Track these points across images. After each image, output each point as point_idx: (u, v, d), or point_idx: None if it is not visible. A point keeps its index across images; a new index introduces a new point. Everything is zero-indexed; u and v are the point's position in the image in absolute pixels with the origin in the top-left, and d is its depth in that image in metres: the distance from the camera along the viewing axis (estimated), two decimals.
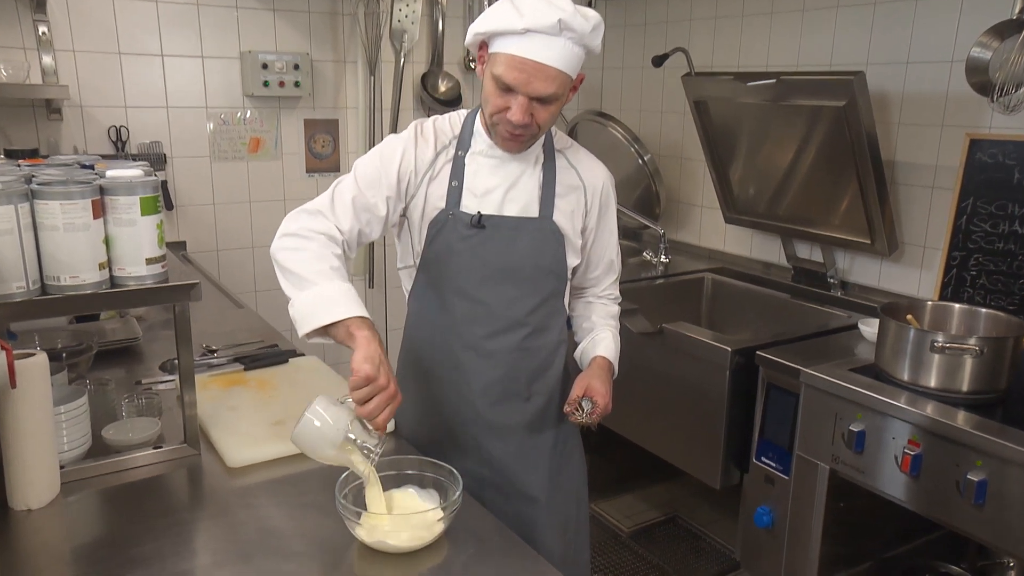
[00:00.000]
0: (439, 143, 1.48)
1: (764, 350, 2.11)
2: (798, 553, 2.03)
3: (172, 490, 1.35)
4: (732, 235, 3.07)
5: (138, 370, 1.86)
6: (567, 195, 1.49)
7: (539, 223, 1.47)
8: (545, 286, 1.50)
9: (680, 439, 2.37)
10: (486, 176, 1.45)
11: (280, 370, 1.81)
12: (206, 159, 3.07)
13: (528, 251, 1.46)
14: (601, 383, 1.50)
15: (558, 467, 1.60)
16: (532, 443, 1.56)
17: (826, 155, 2.42)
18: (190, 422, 1.43)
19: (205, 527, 1.22)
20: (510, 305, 1.48)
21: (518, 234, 1.45)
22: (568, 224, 1.49)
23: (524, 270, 1.47)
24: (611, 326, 1.62)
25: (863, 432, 1.81)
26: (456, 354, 1.50)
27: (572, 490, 1.63)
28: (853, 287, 2.61)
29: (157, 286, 1.32)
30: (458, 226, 1.44)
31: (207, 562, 1.12)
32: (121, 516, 1.25)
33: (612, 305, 1.66)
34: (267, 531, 1.20)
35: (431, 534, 1.13)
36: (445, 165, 1.46)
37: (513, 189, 1.46)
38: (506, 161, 1.46)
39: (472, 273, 1.46)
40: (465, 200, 1.45)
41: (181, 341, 1.40)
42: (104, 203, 1.29)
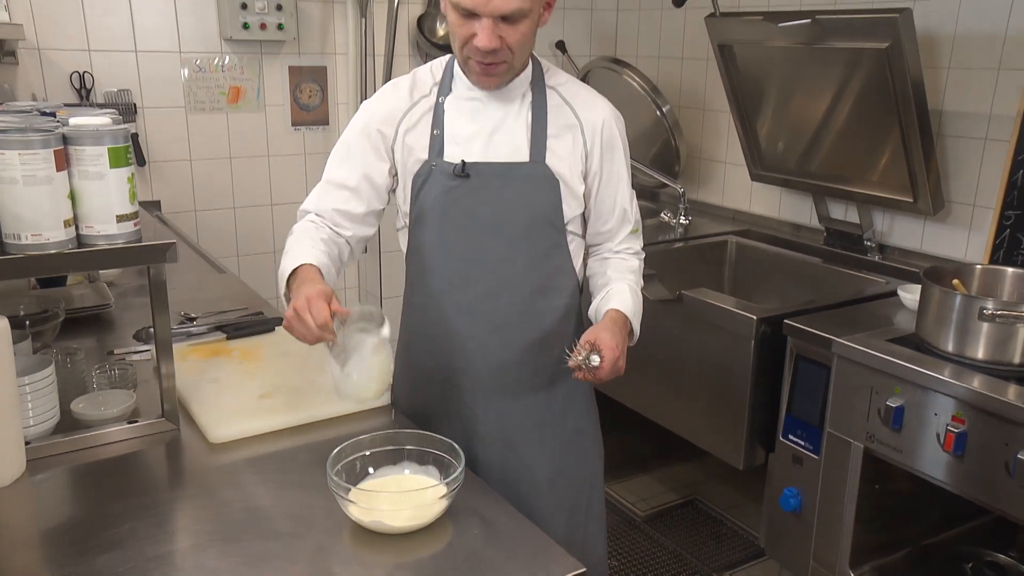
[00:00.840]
0: (417, 92, 1.48)
1: (793, 319, 2.10)
2: (828, 539, 2.04)
3: (149, 468, 1.35)
4: (759, 194, 3.05)
5: (110, 339, 1.85)
6: (562, 135, 1.44)
7: (530, 168, 1.42)
8: (541, 239, 1.46)
9: (700, 416, 2.37)
10: (468, 121, 1.44)
11: (266, 339, 1.81)
12: (181, 110, 3.03)
13: (519, 200, 1.43)
14: (611, 336, 1.40)
15: (567, 446, 1.58)
16: (536, 418, 1.55)
17: (865, 104, 2.38)
18: (168, 395, 1.43)
19: (185, 507, 1.22)
20: (502, 262, 1.45)
21: (506, 181, 1.42)
22: (565, 168, 1.44)
23: (515, 221, 1.44)
24: (629, 280, 1.54)
25: (901, 408, 1.80)
26: (449, 318, 1.49)
27: (583, 473, 1.62)
28: (892, 250, 2.59)
29: (129, 246, 1.31)
30: (441, 177, 1.43)
31: (188, 544, 1.12)
32: (93, 496, 1.25)
33: (631, 259, 1.58)
34: (253, 511, 1.19)
35: (432, 514, 1.13)
36: (425, 114, 1.46)
37: (499, 132, 1.43)
38: (488, 102, 1.44)
39: (459, 228, 1.45)
40: (448, 149, 1.44)
41: (157, 307, 1.39)
42: (68, 154, 1.27)
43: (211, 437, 1.39)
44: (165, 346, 1.41)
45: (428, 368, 1.56)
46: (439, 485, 1.15)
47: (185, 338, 1.80)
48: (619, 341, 1.40)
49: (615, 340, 1.39)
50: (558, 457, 1.57)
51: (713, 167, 3.22)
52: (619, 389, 2.59)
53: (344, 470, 1.18)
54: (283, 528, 1.16)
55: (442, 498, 1.13)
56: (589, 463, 1.64)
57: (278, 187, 3.31)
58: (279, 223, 3.36)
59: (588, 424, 1.64)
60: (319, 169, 1.59)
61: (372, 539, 1.12)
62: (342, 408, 1.49)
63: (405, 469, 1.24)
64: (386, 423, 1.47)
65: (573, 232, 1.51)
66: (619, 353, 1.39)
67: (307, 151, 3.31)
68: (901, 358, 1.82)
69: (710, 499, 2.96)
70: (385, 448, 1.24)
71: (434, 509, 1.13)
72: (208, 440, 1.40)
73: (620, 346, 1.40)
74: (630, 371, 1.50)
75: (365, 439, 1.23)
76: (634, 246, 1.59)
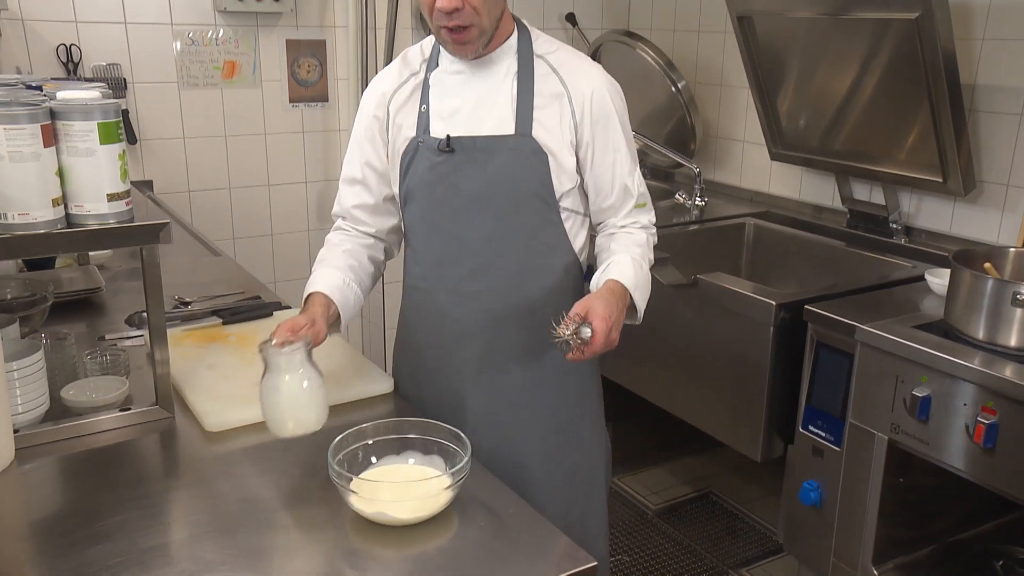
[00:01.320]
0: (407, 70, 1.51)
1: (814, 304, 2.09)
2: (850, 535, 2.03)
3: (142, 457, 1.35)
4: (779, 174, 3.03)
5: (101, 324, 1.86)
6: (548, 105, 1.44)
7: (515, 141, 1.42)
8: (530, 216, 1.45)
9: (716, 405, 2.36)
10: (453, 95, 1.46)
11: (264, 324, 1.81)
12: (173, 85, 3.02)
13: (504, 174, 1.43)
14: (604, 305, 1.35)
15: (563, 439, 1.58)
16: (529, 408, 1.54)
17: (893, 78, 2.35)
18: (162, 381, 1.43)
19: (180, 498, 1.22)
20: (489, 239, 1.46)
21: (491, 156, 1.42)
22: (553, 140, 1.43)
23: (501, 197, 1.44)
24: (633, 253, 1.49)
25: (928, 397, 1.79)
26: (436, 298, 1.52)
27: (581, 470, 1.61)
28: (919, 233, 2.58)
29: (121, 226, 1.31)
30: (427, 153, 1.46)
31: (183, 536, 1.12)
32: (84, 486, 1.25)
33: (638, 232, 1.55)
34: (251, 502, 1.20)
35: (437, 505, 1.13)
36: (415, 91, 1.48)
37: (483, 105, 1.44)
38: (472, 74, 1.45)
39: (445, 205, 1.46)
40: (433, 124, 1.46)
41: (150, 290, 1.39)
42: (56, 129, 1.26)
43: (207, 425, 1.40)
44: (159, 331, 1.41)
45: (421, 351, 1.57)
46: (444, 475, 1.15)
47: (179, 323, 1.81)
48: (613, 312, 1.36)
49: (608, 310, 1.35)
50: (551, 445, 1.57)
51: (730, 146, 3.20)
52: (630, 377, 2.58)
53: (346, 459, 1.18)
54: (282, 520, 1.16)
55: (447, 489, 1.13)
56: (589, 459, 1.63)
57: (275, 167, 3.31)
58: (276, 204, 3.36)
59: (589, 414, 1.63)
60: (318, 148, 1.61)
61: (375, 531, 1.12)
62: (343, 395, 1.50)
63: (409, 458, 1.24)
64: (390, 411, 1.48)
65: (569, 209, 1.49)
66: (612, 323, 1.34)
67: (305, 129, 3.30)
68: (928, 345, 1.80)
69: (726, 492, 2.97)
70: (388, 437, 1.24)
71: (439, 500, 1.13)
72: (204, 428, 1.40)
73: (613, 316, 1.35)
74: (643, 358, 1.50)
75: (368, 427, 1.23)
76: (641, 220, 1.56)
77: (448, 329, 1.52)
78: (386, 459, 1.23)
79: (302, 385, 1.23)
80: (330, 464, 1.13)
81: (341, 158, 3.48)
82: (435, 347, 1.55)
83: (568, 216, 1.50)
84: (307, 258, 3.51)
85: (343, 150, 3.41)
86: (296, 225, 3.44)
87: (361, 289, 1.54)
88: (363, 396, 1.52)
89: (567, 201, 1.48)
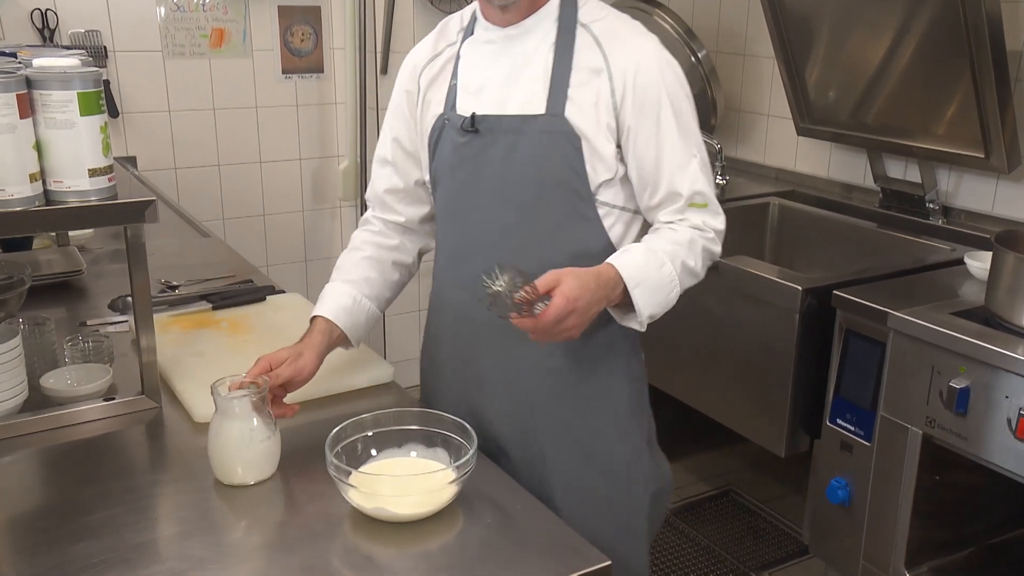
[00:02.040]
0: (442, 41, 1.45)
1: (843, 289, 2.09)
2: (881, 536, 2.03)
3: (128, 449, 1.35)
4: (806, 150, 3.02)
5: (82, 309, 1.86)
6: (587, 83, 1.32)
7: (545, 121, 1.32)
8: (557, 208, 1.34)
9: (737, 397, 2.36)
10: (483, 67, 1.39)
11: (256, 309, 1.81)
12: (157, 55, 3.02)
13: (530, 160, 1.33)
14: (577, 285, 1.20)
15: (591, 468, 1.45)
16: (550, 431, 1.43)
17: (932, 45, 2.34)
18: (148, 370, 1.43)
19: (168, 492, 1.23)
20: (508, 233, 1.37)
21: (518, 138, 1.34)
22: (588, 122, 1.31)
23: (525, 185, 1.34)
24: (658, 245, 1.32)
25: (967, 389, 1.79)
26: (453, 297, 1.47)
27: (616, 509, 1.46)
28: (959, 213, 2.57)
29: (103, 203, 1.30)
30: (452, 133, 1.40)
31: (171, 532, 1.13)
32: (66, 480, 1.25)
33: (682, 229, 1.35)
34: (243, 497, 1.20)
35: (440, 500, 1.13)
36: (447, 64, 1.43)
37: (513, 80, 1.35)
38: (505, 44, 1.37)
39: (465, 192, 1.41)
40: (460, 100, 1.40)
41: (135, 272, 1.39)
42: (33, 99, 1.26)
43: (196, 416, 1.40)
44: (145, 316, 1.41)
45: (440, 354, 1.53)
46: (448, 469, 1.15)
47: (166, 308, 1.81)
48: (585, 296, 1.21)
49: (579, 292, 1.20)
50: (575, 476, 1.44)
51: (754, 120, 3.18)
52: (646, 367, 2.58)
53: (344, 452, 1.18)
54: (276, 515, 1.16)
55: (452, 483, 1.13)
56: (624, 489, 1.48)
57: (267, 142, 3.30)
58: (268, 182, 3.36)
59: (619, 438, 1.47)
60: (313, 123, 1.59)
61: (374, 528, 1.12)
62: (341, 384, 1.50)
63: (411, 451, 1.24)
64: (390, 401, 1.48)
65: (609, 204, 1.37)
66: (575, 308, 1.20)
67: (299, 102, 3.29)
68: (967, 334, 1.80)
69: (747, 490, 2.97)
70: (389, 428, 1.24)
71: (443, 495, 1.13)
72: (193, 419, 1.40)
73: (583, 301, 1.20)
74: (660, 348, 1.47)
75: (367, 418, 1.23)
76: (692, 218, 1.36)
77: (464, 331, 1.46)
78: (387, 452, 1.23)
79: (248, 433, 1.20)
80: (327, 457, 1.13)
81: (337, 133, 3.50)
82: (453, 353, 1.50)
83: (608, 212, 1.37)
84: (301, 240, 3.51)
85: (339, 125, 3.44)
86: (290, 205, 3.43)
87: (377, 304, 1.50)
88: (362, 385, 1.52)
89: (606, 194, 1.35)
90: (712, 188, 1.38)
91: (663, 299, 1.31)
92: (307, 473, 1.24)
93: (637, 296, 1.28)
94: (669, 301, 1.33)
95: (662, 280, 1.30)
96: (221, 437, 1.20)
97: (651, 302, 1.30)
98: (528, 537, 1.12)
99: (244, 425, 1.20)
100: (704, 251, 1.37)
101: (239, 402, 1.20)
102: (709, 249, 1.38)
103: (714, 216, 1.38)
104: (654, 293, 1.29)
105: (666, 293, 1.31)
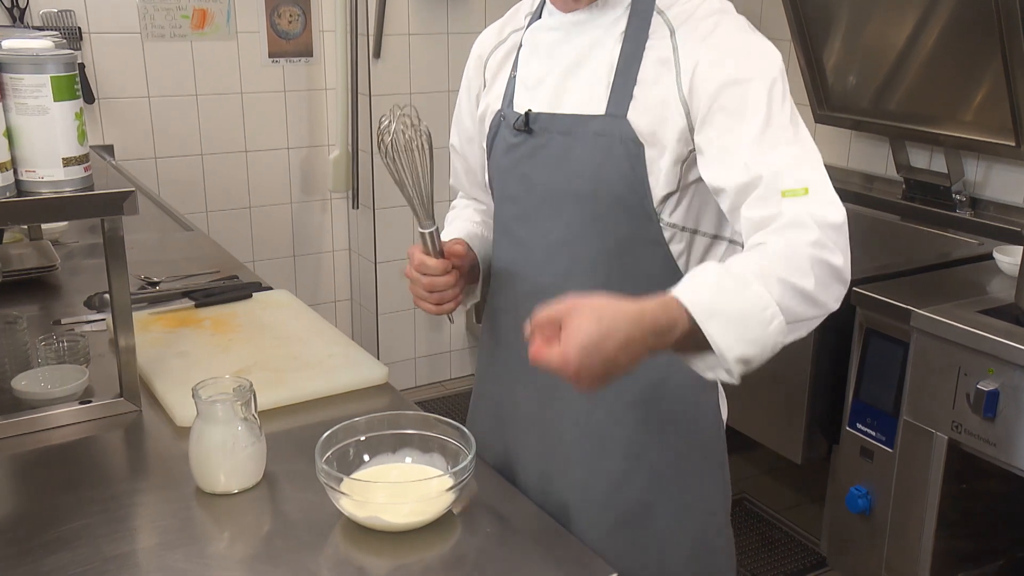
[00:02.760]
0: (510, 25, 1.38)
1: (863, 286, 2.09)
2: (904, 547, 2.03)
3: (105, 455, 1.35)
4: (824, 139, 3.01)
5: (56, 307, 1.86)
6: (657, 80, 1.18)
7: (603, 123, 1.20)
8: (615, 227, 1.21)
9: (751, 401, 2.36)
10: (543, 58, 1.28)
11: (242, 307, 1.82)
12: (136, 37, 3.02)
13: (584, 167, 1.21)
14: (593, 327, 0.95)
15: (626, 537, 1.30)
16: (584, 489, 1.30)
17: (959, 26, 2.34)
18: (127, 371, 1.43)
19: (148, 501, 1.22)
20: (557, 252, 1.26)
21: (574, 141, 1.23)
22: (653, 125, 1.17)
23: (579, 197, 1.22)
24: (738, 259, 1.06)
25: (996, 392, 1.79)
26: (499, 321, 1.38)
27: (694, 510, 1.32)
28: (987, 205, 2.57)
29: (79, 194, 1.30)
30: (506, 132, 1.32)
31: (152, 543, 1.13)
32: (40, 487, 1.25)
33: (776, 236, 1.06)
34: (228, 505, 1.20)
35: (437, 508, 1.13)
36: (511, 53, 1.36)
37: (574, 74, 1.24)
38: (571, 31, 1.25)
39: (515, 201, 1.32)
40: (518, 95, 1.32)
41: (113, 268, 1.39)
42: (3, 83, 1.26)
43: (178, 420, 1.39)
44: (124, 314, 1.41)
45: (486, 381, 1.46)
46: (445, 475, 1.15)
47: (146, 305, 1.80)
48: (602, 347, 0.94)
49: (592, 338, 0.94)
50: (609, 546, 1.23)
51: None
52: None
53: (335, 457, 1.18)
54: (263, 525, 1.16)
55: (449, 490, 1.13)
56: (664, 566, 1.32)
57: (253, 130, 3.30)
58: (255, 173, 3.36)
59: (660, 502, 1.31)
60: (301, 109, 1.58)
61: (367, 537, 1.12)
62: (331, 386, 1.50)
63: (406, 457, 1.24)
64: (384, 404, 1.47)
65: (675, 225, 1.21)
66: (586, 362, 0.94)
67: (287, 88, 3.30)
68: (996, 333, 1.80)
69: (762, 498, 2.97)
70: (383, 432, 1.23)
71: (439, 503, 1.13)
72: (175, 423, 1.40)
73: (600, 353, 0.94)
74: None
75: (360, 422, 1.23)
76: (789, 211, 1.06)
77: (506, 360, 1.36)
78: (380, 457, 1.23)
79: (232, 439, 1.20)
80: (317, 463, 1.13)
81: (327, 121, 3.51)
82: (495, 380, 1.42)
83: (674, 234, 1.21)
84: (289, 233, 3.51)
85: (330, 112, 3.44)
86: (277, 197, 3.44)
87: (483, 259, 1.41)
88: (354, 387, 1.52)
89: (673, 212, 1.20)
90: (813, 168, 1.11)
91: (757, 333, 1.01)
92: (295, 480, 1.24)
93: (714, 331, 0.99)
94: (768, 337, 1.01)
95: (748, 306, 1.01)
96: (203, 443, 1.20)
97: (737, 338, 1.00)
98: (530, 547, 1.12)
99: (227, 430, 1.20)
100: (813, 261, 1.04)
101: (222, 406, 1.20)
102: (820, 258, 1.04)
103: (823, 206, 1.07)
104: (739, 325, 1.00)
105: (760, 324, 1.01)
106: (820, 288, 1.04)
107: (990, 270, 2.19)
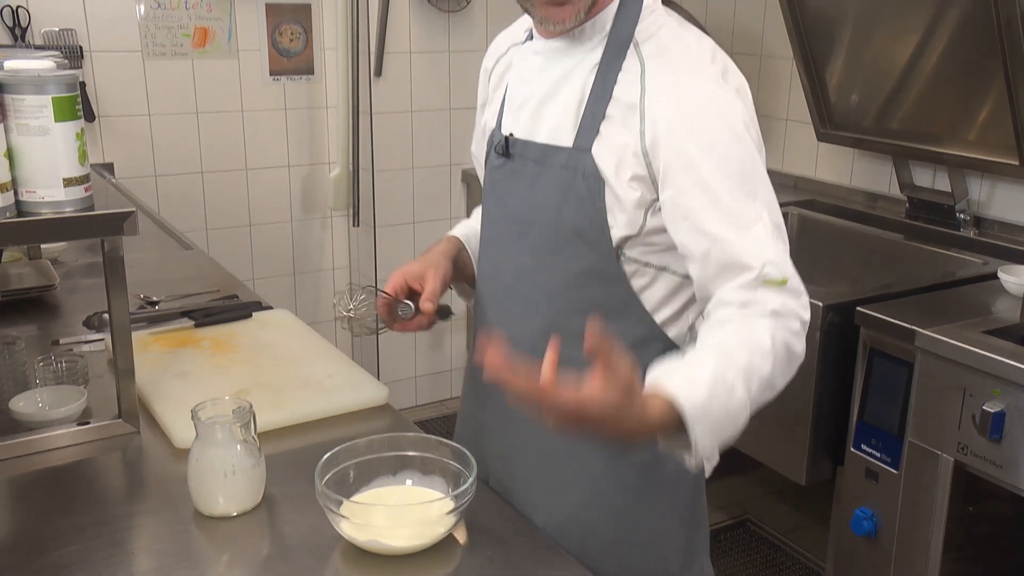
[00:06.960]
0: (515, 37, 1.39)
1: (867, 306, 2.09)
2: (909, 571, 2.03)
3: (103, 477, 1.35)
4: (827, 157, 3.02)
5: (55, 326, 1.86)
6: (624, 121, 1.18)
7: (569, 156, 1.21)
8: (575, 259, 1.22)
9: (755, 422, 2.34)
10: (526, 82, 1.30)
11: (241, 327, 1.81)
12: (137, 55, 3.03)
13: (550, 197, 1.23)
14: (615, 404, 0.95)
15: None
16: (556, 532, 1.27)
17: (962, 44, 2.35)
18: (126, 392, 1.43)
19: (146, 524, 1.22)
20: (521, 275, 1.29)
21: (543, 170, 1.24)
22: (612, 164, 1.17)
23: (543, 226, 1.25)
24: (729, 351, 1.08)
25: (1002, 413, 1.79)
26: (477, 334, 1.41)
27: None
28: (991, 224, 2.57)
29: (79, 214, 1.30)
30: (492, 152, 1.35)
31: (149, 567, 1.12)
32: (37, 510, 1.25)
33: (762, 326, 1.10)
34: (226, 528, 1.19)
35: (437, 532, 1.13)
36: (508, 71, 1.38)
37: (550, 101, 1.25)
38: (553, 57, 1.25)
39: (492, 221, 1.36)
40: (506, 116, 1.33)
41: (113, 288, 1.39)
42: (3, 103, 1.26)
43: (176, 442, 1.39)
44: (122, 334, 1.41)
45: (467, 405, 1.50)
46: (446, 498, 1.15)
47: (145, 325, 1.80)
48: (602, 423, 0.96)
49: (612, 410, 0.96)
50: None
51: (771, 125, 3.19)
52: None
53: (335, 480, 1.17)
54: (262, 548, 1.16)
55: (449, 514, 1.13)
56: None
57: (254, 148, 3.31)
58: (255, 191, 3.37)
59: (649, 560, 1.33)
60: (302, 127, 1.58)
61: (367, 561, 1.12)
62: (333, 407, 1.50)
63: (407, 479, 1.24)
64: (385, 425, 1.47)
65: (638, 260, 1.21)
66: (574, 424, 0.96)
67: (288, 106, 3.31)
68: (1002, 354, 1.80)
69: (765, 520, 2.96)
70: (383, 454, 1.23)
71: (440, 527, 1.13)
72: (173, 445, 1.39)
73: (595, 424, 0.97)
74: None
75: (360, 444, 1.23)
76: (771, 301, 1.10)
77: (477, 378, 1.38)
78: (381, 479, 1.23)
79: (231, 461, 1.20)
80: (317, 485, 1.13)
81: (328, 139, 3.52)
82: (473, 397, 1.45)
83: (637, 269, 1.21)
84: (289, 252, 3.52)
85: (330, 130, 3.45)
86: (277, 215, 3.45)
87: None
88: (354, 408, 1.52)
89: (637, 250, 1.20)
90: (788, 260, 1.14)
91: (729, 435, 1.06)
92: (295, 503, 1.24)
93: (698, 434, 1.02)
94: (733, 436, 1.07)
95: (731, 413, 1.05)
96: (202, 465, 1.20)
97: (713, 439, 1.04)
98: (532, 572, 1.12)
99: (227, 452, 1.20)
100: (788, 354, 1.11)
101: (221, 427, 1.20)
102: (793, 350, 1.11)
103: (796, 298, 1.13)
104: (717, 428, 1.04)
105: (734, 427, 1.06)
106: (783, 381, 1.13)
107: (995, 290, 2.19)
